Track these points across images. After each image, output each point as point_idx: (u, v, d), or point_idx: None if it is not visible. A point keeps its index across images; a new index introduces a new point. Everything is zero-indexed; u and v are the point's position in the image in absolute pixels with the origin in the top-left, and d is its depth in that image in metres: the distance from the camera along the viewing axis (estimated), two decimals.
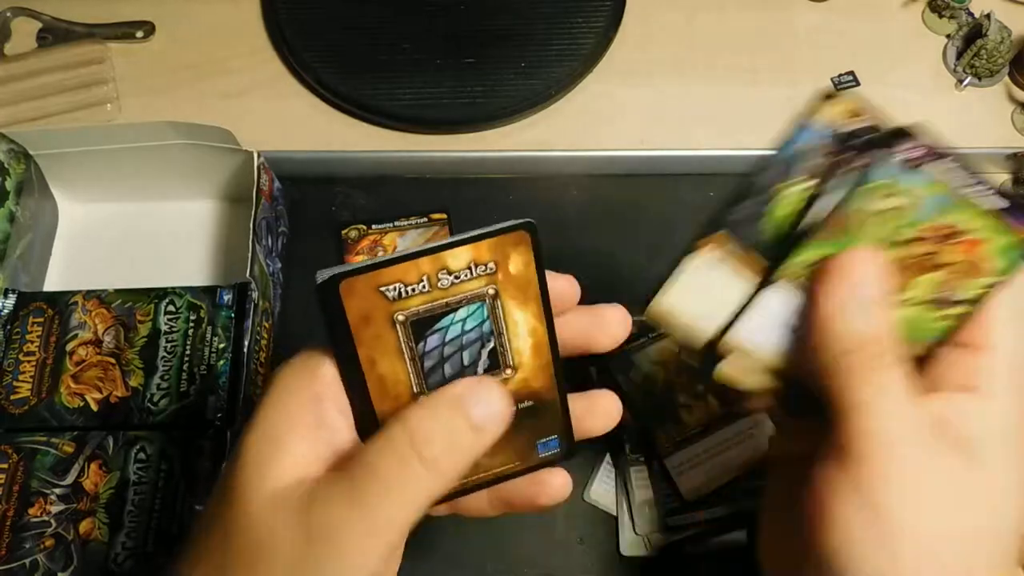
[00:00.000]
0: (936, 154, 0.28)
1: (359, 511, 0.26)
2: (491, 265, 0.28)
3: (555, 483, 0.32)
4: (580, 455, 0.50)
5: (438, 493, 0.27)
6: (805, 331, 0.30)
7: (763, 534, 0.35)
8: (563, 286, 0.31)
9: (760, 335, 0.31)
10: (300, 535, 0.26)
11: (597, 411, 0.32)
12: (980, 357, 0.29)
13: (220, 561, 0.27)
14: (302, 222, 0.59)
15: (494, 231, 0.28)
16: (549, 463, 0.32)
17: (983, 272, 0.29)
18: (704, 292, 0.31)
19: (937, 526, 0.27)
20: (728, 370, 0.32)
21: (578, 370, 0.47)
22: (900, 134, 0.28)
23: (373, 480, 0.26)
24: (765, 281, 0.31)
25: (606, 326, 0.32)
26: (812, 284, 0.30)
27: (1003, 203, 0.28)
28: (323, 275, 0.27)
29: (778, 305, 0.31)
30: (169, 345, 0.49)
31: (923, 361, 0.31)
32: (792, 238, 0.30)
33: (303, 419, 0.28)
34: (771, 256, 0.30)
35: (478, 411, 0.28)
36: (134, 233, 0.58)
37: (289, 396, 0.28)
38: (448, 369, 0.29)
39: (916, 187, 0.29)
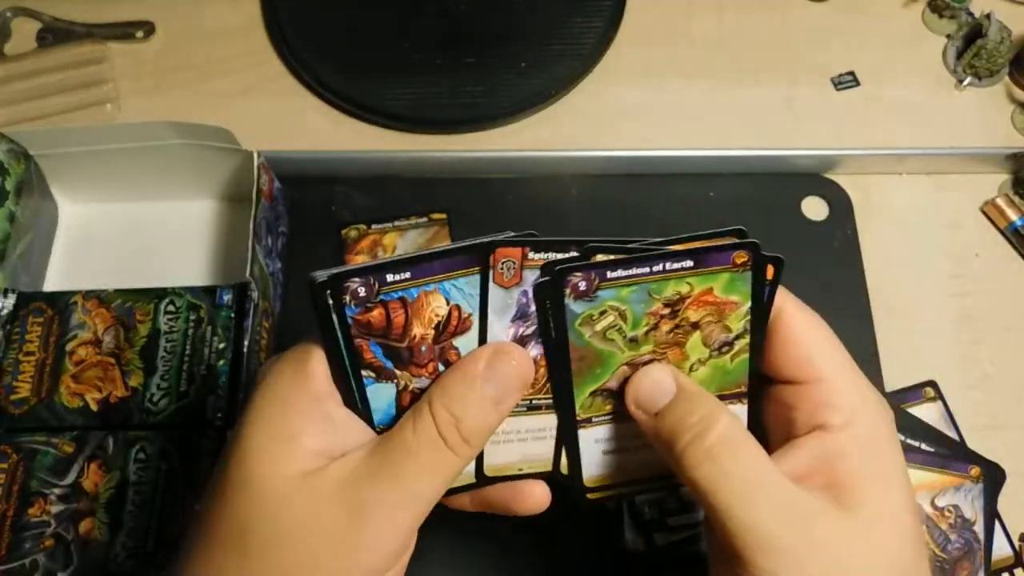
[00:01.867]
0: (604, 268, 0.29)
1: (397, 487, 0.28)
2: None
3: (536, 493, 0.33)
4: None
5: (463, 468, 0.29)
6: (644, 446, 0.32)
7: None
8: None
9: (609, 459, 0.33)
10: (340, 512, 0.27)
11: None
12: (817, 392, 0.30)
13: (238, 551, 0.27)
14: (302, 222, 0.59)
15: (716, 247, 0.29)
16: (534, 476, 0.33)
17: (732, 307, 0.31)
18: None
19: None
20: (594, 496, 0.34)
21: None
22: (562, 275, 0.29)
23: (409, 459, 0.28)
24: (567, 429, 0.32)
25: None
26: (628, 408, 0.31)
27: (687, 262, 0.29)
28: (320, 275, 0.28)
29: (600, 435, 0.32)
30: (169, 345, 0.49)
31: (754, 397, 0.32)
32: (557, 392, 0.31)
33: (310, 415, 0.28)
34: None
35: (496, 387, 0.29)
36: (134, 233, 0.58)
37: (289, 392, 0.29)
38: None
39: (613, 298, 0.30)
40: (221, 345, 0.49)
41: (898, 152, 0.60)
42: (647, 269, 0.29)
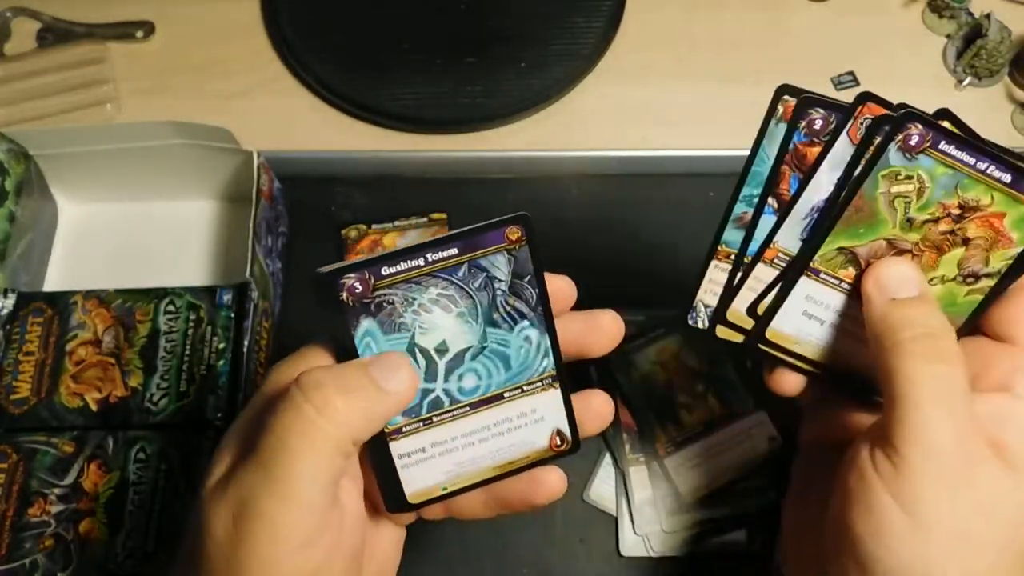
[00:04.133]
0: (942, 136, 0.30)
1: (267, 478, 0.26)
2: None
3: (551, 480, 0.32)
4: (580, 455, 0.50)
5: (346, 449, 0.27)
6: (853, 321, 0.32)
7: (786, 521, 0.36)
8: (560, 286, 0.31)
9: (800, 324, 0.33)
10: (229, 517, 0.26)
11: (590, 411, 0.32)
12: (1017, 356, 0.30)
13: (184, 562, 0.28)
14: (302, 222, 0.59)
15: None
16: (555, 457, 0.32)
17: (1005, 244, 0.31)
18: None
19: (968, 527, 0.27)
20: (778, 332, 0.33)
21: (578, 370, 0.47)
22: (907, 118, 0.30)
23: (274, 442, 0.26)
24: (797, 266, 0.32)
25: (600, 332, 0.32)
26: (864, 282, 0.31)
27: (1008, 176, 0.30)
28: (323, 270, 0.28)
29: (815, 294, 0.32)
30: (169, 345, 0.49)
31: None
32: (815, 227, 0.31)
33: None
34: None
35: (382, 373, 0.28)
36: (134, 233, 0.58)
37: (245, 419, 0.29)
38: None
39: (926, 169, 0.30)
40: (221, 345, 0.49)
41: None
42: (973, 160, 0.30)
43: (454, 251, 0.29)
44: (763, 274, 0.33)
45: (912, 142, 0.30)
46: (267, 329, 0.52)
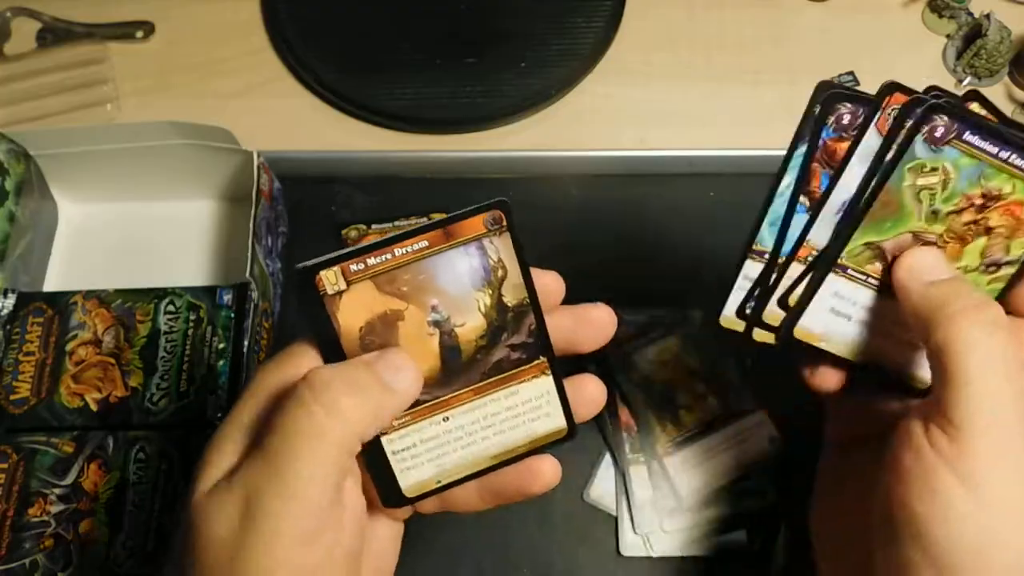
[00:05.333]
0: (965, 126, 0.30)
1: (275, 476, 0.26)
2: None
3: (545, 469, 0.31)
4: (579, 455, 0.50)
5: (352, 448, 0.27)
6: (881, 317, 0.32)
7: (817, 511, 0.36)
8: (548, 282, 0.31)
9: (828, 321, 0.33)
10: (234, 514, 0.26)
11: (583, 396, 0.32)
12: None
13: (180, 561, 0.28)
14: (302, 222, 0.59)
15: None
16: (551, 445, 0.32)
17: None
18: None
19: None
20: (806, 329, 0.33)
21: (578, 369, 0.47)
22: (933, 110, 0.30)
23: (282, 441, 0.26)
24: (823, 264, 0.32)
25: (591, 325, 0.32)
26: (896, 273, 0.31)
27: None
28: (302, 265, 0.28)
29: (843, 290, 0.32)
30: (169, 345, 0.49)
31: None
32: (843, 223, 0.32)
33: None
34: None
35: (387, 372, 0.28)
36: (134, 233, 0.58)
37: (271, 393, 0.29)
38: None
39: (951, 160, 0.30)
40: (221, 345, 0.49)
41: None
42: (996, 149, 0.30)
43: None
44: (797, 273, 0.33)
45: (938, 134, 0.30)
46: (267, 329, 0.52)
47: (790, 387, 0.43)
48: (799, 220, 0.33)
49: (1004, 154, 0.30)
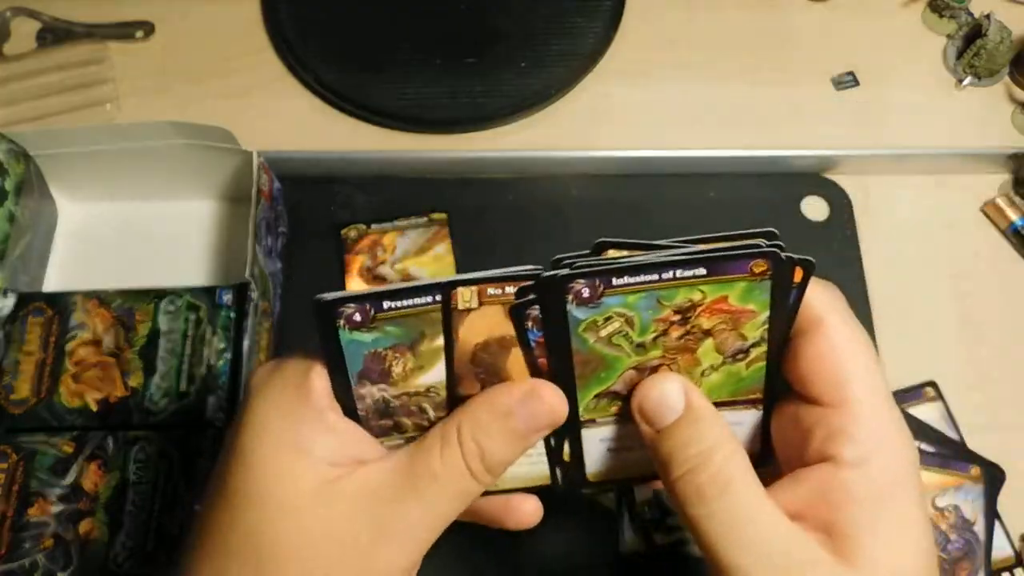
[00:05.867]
0: (610, 274, 0.28)
1: (421, 509, 0.28)
2: None
3: (526, 509, 0.33)
4: None
5: (480, 493, 0.30)
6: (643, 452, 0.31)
7: None
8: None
9: (610, 458, 0.33)
10: (362, 527, 0.28)
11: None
12: (836, 417, 0.27)
13: (251, 563, 0.27)
14: (302, 222, 0.59)
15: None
16: (536, 489, 0.33)
17: (748, 316, 0.29)
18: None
19: None
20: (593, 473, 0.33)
21: None
22: (564, 281, 0.28)
23: (435, 484, 0.28)
24: (570, 429, 0.31)
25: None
26: (633, 416, 0.30)
27: (701, 269, 0.28)
28: (324, 298, 0.28)
29: (604, 435, 0.32)
30: (169, 345, 0.49)
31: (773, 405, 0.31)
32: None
33: (316, 427, 0.29)
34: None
35: (525, 423, 0.29)
36: (134, 233, 0.58)
37: (292, 404, 0.29)
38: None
39: (618, 305, 0.28)
40: (221, 345, 0.49)
41: (898, 152, 0.60)
42: (656, 276, 0.28)
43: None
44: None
45: (585, 294, 0.28)
46: (267, 329, 0.52)
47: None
48: None
49: (667, 275, 0.28)
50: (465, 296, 0.28)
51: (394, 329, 0.28)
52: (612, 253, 0.28)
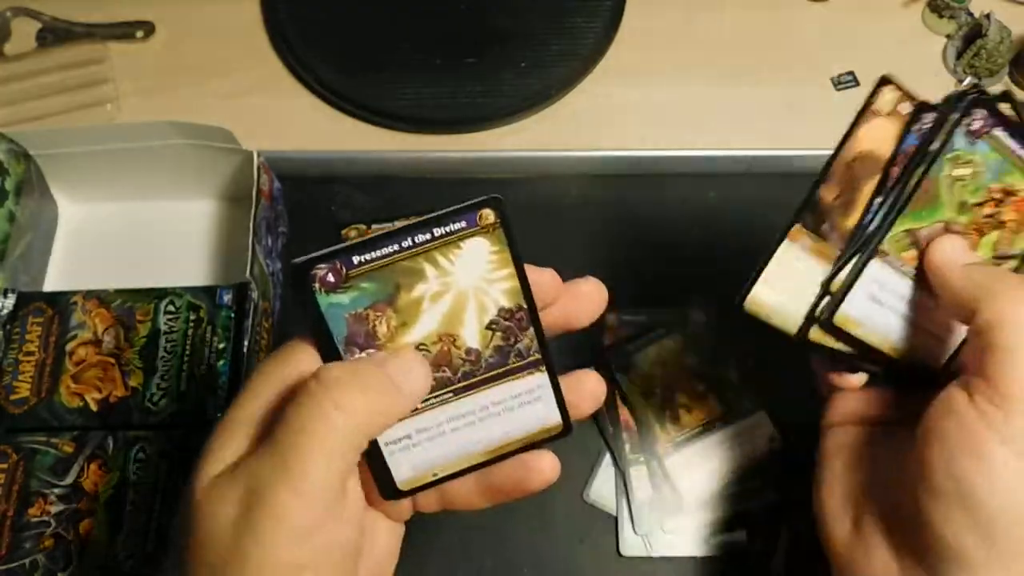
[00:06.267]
0: (996, 122, 0.32)
1: (282, 469, 0.26)
2: None
3: (544, 466, 0.32)
4: (579, 455, 0.50)
5: (360, 445, 0.28)
6: (914, 307, 0.33)
7: (827, 492, 0.37)
8: (545, 280, 0.31)
9: (870, 306, 0.34)
10: (236, 506, 0.26)
11: (583, 392, 0.32)
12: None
13: (180, 556, 0.28)
14: (302, 222, 0.59)
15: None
16: (547, 441, 0.32)
17: None
18: (796, 279, 0.34)
19: None
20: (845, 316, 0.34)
21: (578, 366, 0.47)
22: (974, 103, 0.31)
23: (292, 435, 0.26)
24: (869, 249, 0.33)
25: (582, 298, 0.32)
26: (931, 258, 0.33)
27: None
28: (296, 261, 0.28)
29: (884, 276, 0.33)
30: (169, 345, 0.49)
31: None
32: (889, 209, 0.33)
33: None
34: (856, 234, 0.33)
35: (398, 373, 0.28)
36: (134, 233, 0.58)
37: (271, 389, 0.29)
38: None
39: (982, 154, 0.32)
40: (221, 345, 0.49)
41: None
42: (1017, 147, 0.32)
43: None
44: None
45: (975, 127, 0.32)
46: (267, 329, 0.52)
47: (790, 387, 0.43)
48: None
49: (1022, 152, 0.32)
50: (888, 98, 0.34)
51: (369, 285, 0.28)
52: (1005, 107, 0.33)
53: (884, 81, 0.33)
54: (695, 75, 0.64)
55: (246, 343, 0.49)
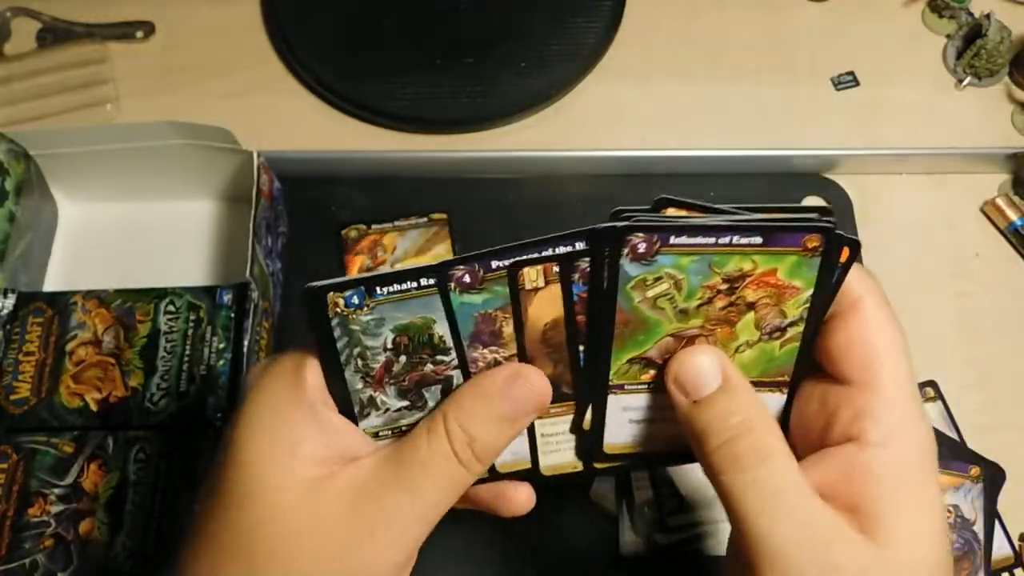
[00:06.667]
0: (668, 232, 0.28)
1: (411, 500, 0.28)
2: None
3: (519, 498, 0.32)
4: None
5: (472, 482, 0.30)
6: (673, 423, 0.31)
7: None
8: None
9: (629, 427, 0.32)
10: (352, 521, 0.27)
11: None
12: (863, 398, 0.28)
13: (245, 560, 0.27)
14: (302, 222, 0.59)
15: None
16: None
17: (792, 293, 0.29)
18: (561, 438, 0.33)
19: None
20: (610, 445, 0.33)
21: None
22: (624, 232, 0.27)
23: (423, 473, 0.28)
24: (597, 392, 0.31)
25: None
26: (667, 385, 0.30)
27: (757, 238, 0.28)
28: (314, 286, 0.28)
29: (627, 401, 0.31)
30: (169, 345, 0.49)
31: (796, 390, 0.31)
32: (593, 353, 0.30)
33: (307, 424, 0.28)
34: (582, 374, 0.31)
35: (511, 407, 0.29)
36: (134, 233, 0.58)
37: (285, 401, 0.29)
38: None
39: (670, 266, 0.28)
40: (221, 345, 0.49)
41: (898, 152, 0.61)
42: (713, 240, 0.28)
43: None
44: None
45: (641, 250, 0.28)
46: (267, 329, 0.52)
47: None
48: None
49: (724, 239, 0.28)
50: (531, 275, 0.28)
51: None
52: (672, 211, 0.29)
53: (513, 267, 0.28)
54: (695, 75, 0.64)
55: (246, 343, 0.49)
